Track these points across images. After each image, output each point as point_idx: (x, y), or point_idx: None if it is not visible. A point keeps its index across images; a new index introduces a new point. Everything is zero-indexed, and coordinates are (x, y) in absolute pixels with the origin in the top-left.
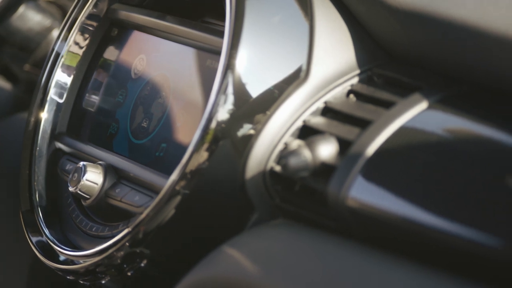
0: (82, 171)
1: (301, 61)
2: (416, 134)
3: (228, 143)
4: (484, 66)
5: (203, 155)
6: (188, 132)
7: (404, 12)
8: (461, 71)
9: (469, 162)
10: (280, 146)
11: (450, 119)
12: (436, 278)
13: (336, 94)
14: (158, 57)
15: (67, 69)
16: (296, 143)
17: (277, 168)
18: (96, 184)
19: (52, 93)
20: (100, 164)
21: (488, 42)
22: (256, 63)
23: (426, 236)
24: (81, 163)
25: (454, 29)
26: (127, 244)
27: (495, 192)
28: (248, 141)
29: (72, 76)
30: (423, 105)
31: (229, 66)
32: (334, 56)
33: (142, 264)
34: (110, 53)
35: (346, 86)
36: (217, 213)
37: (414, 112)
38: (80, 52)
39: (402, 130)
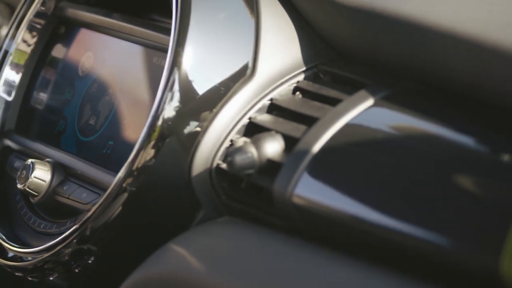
0: (30, 169)
1: (247, 58)
2: (362, 131)
3: (174, 140)
4: (429, 63)
5: (150, 152)
6: (135, 130)
7: (350, 9)
8: (407, 68)
9: (413, 159)
10: (226, 144)
11: (395, 116)
12: (379, 276)
13: (282, 91)
14: (105, 55)
15: (15, 67)
16: (242, 141)
17: (223, 166)
18: (44, 181)
19: (0, 91)
20: (48, 162)
21: (434, 38)
22: (202, 61)
23: (372, 233)
24: (29, 160)
25: (400, 26)
26: (74, 241)
27: (438, 189)
28: (195, 138)
29: (20, 74)
30: (368, 102)
31: (176, 63)
32: (280, 53)
33: (90, 261)
34: (58, 51)
35: (292, 83)
36: (163, 211)
37: (360, 109)
38: (28, 50)
39: (347, 127)
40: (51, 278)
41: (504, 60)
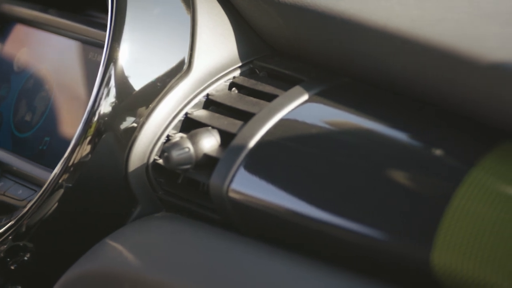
0: None
1: (183, 54)
2: (297, 126)
3: (111, 136)
4: (362, 59)
5: (86, 148)
6: (71, 126)
7: (284, 6)
8: (341, 64)
9: (347, 153)
10: (163, 139)
11: (330, 111)
12: (313, 269)
13: (218, 86)
14: (41, 50)
15: None
16: (178, 136)
17: (160, 161)
18: None
19: None
20: None
21: (366, 35)
22: (138, 56)
23: (307, 227)
24: None
25: (333, 23)
26: (10, 237)
27: (371, 183)
28: (131, 134)
29: None
30: (303, 97)
31: (112, 59)
32: (216, 49)
33: (26, 258)
34: None
35: (229, 79)
36: (100, 206)
37: (295, 105)
38: None
39: (283, 122)
40: None
41: (434, 56)
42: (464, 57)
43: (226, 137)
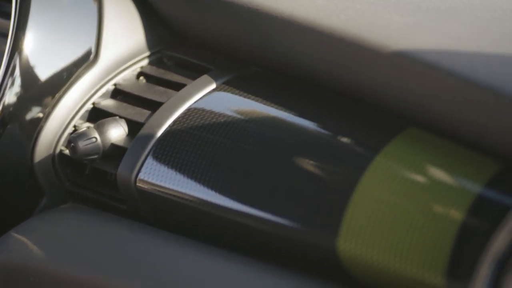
0: None
1: (90, 43)
2: (204, 115)
3: (16, 126)
4: (269, 48)
5: None
6: None
7: None
8: (248, 53)
9: (255, 142)
10: (70, 129)
11: (237, 100)
12: (222, 258)
13: (126, 76)
14: None
15: None
16: (85, 126)
17: (66, 151)
18: None
19: None
20: None
21: (273, 24)
22: (44, 46)
23: (216, 216)
24: None
25: (239, 12)
26: None
27: (279, 171)
28: (37, 124)
29: None
30: (211, 86)
31: (17, 48)
32: (124, 38)
33: None
34: None
35: (136, 68)
36: (5, 198)
37: (203, 94)
38: None
39: (190, 111)
40: None
41: (339, 45)
42: (368, 46)
43: (134, 127)
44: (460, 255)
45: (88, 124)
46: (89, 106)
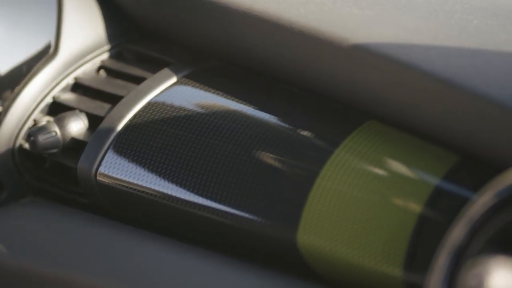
0: None
1: (50, 37)
2: (164, 108)
3: None
4: (230, 42)
5: None
6: None
7: None
8: (209, 47)
9: (215, 135)
10: (30, 123)
11: (198, 93)
12: (182, 251)
13: (86, 69)
14: None
15: None
16: (45, 120)
17: (26, 145)
18: None
19: None
20: None
21: (233, 17)
22: (3, 39)
23: (177, 209)
24: None
25: (199, 5)
26: None
27: (240, 165)
28: None
29: None
30: (171, 80)
31: None
32: (84, 31)
33: None
34: None
35: (97, 62)
36: None
37: (163, 87)
38: None
39: (151, 105)
40: None
41: (299, 38)
42: (327, 39)
43: (94, 121)
44: (418, 247)
45: (48, 118)
46: (49, 99)
